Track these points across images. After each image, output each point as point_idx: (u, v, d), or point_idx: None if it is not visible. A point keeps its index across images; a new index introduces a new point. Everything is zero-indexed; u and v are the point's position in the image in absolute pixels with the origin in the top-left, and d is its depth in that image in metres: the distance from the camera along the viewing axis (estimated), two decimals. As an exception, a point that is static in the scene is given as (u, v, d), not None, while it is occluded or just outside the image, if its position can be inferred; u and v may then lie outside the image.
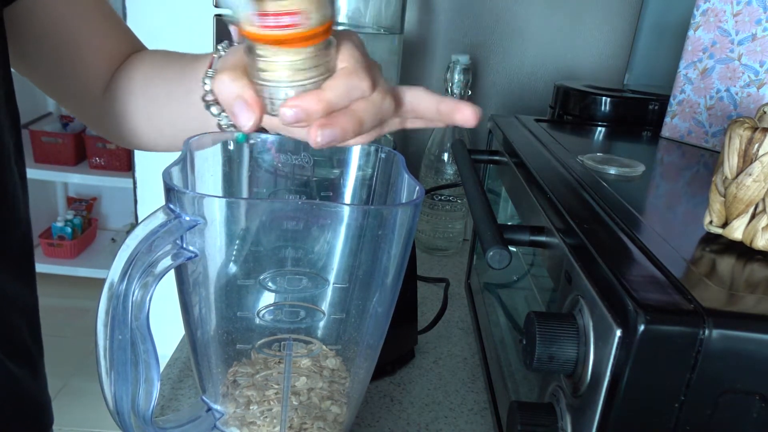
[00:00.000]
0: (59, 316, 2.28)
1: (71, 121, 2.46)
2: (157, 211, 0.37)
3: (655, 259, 0.35)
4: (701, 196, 0.48)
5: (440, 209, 0.93)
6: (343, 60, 0.37)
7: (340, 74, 0.36)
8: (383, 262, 0.40)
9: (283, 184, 0.48)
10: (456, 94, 0.89)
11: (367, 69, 0.37)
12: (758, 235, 0.38)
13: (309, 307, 0.42)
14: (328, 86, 0.36)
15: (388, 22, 0.88)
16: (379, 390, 0.63)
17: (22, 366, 0.51)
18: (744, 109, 0.64)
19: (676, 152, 0.66)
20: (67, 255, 2.41)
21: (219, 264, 0.39)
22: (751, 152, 0.37)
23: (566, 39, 1.00)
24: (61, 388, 1.96)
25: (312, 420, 0.44)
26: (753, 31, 0.62)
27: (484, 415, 0.60)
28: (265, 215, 0.39)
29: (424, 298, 0.82)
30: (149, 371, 0.38)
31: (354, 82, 0.36)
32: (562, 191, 0.46)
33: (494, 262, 0.38)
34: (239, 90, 0.36)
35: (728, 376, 0.30)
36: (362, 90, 0.37)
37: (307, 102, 0.35)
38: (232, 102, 0.36)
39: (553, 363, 0.34)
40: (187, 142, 0.43)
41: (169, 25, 1.17)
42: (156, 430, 0.40)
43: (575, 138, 0.70)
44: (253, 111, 0.36)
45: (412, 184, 0.42)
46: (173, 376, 0.62)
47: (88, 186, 2.48)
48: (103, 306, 0.36)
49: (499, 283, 0.68)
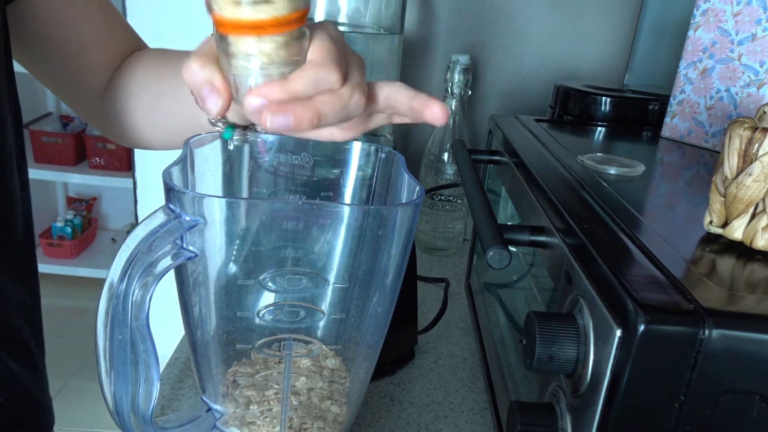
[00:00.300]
0: (59, 315, 2.28)
1: (71, 121, 2.46)
2: (157, 211, 0.37)
3: (655, 259, 0.35)
4: (701, 196, 0.48)
5: (440, 209, 0.93)
6: (314, 51, 0.36)
7: (309, 65, 0.36)
8: (383, 262, 0.40)
9: (283, 184, 0.48)
10: (456, 94, 0.89)
11: (338, 62, 0.37)
12: (758, 235, 0.38)
13: (309, 307, 0.42)
14: (294, 77, 0.36)
15: (388, 22, 0.88)
16: (379, 390, 0.63)
17: (23, 365, 0.51)
18: (744, 109, 0.64)
19: (676, 152, 0.66)
20: (67, 255, 2.41)
21: (219, 264, 0.39)
22: (751, 152, 0.37)
23: (566, 39, 1.00)
24: (61, 388, 1.96)
25: (312, 420, 0.44)
26: (753, 31, 0.62)
27: (484, 415, 0.60)
28: (265, 215, 0.39)
29: (424, 298, 0.82)
30: (149, 371, 0.38)
31: (322, 74, 0.36)
32: (562, 191, 0.46)
33: (494, 262, 0.38)
34: (207, 75, 0.36)
35: (728, 376, 0.30)
36: (330, 83, 0.36)
37: (272, 91, 0.35)
38: (200, 87, 0.36)
39: (553, 363, 0.34)
40: (187, 142, 0.43)
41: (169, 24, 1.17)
42: (156, 430, 0.40)
43: (575, 138, 0.70)
44: (220, 95, 0.36)
45: (412, 184, 0.42)
46: (173, 376, 0.62)
47: (88, 186, 2.48)
48: (103, 306, 0.36)
49: (499, 283, 0.68)
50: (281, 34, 0.34)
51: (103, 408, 0.38)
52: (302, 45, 0.36)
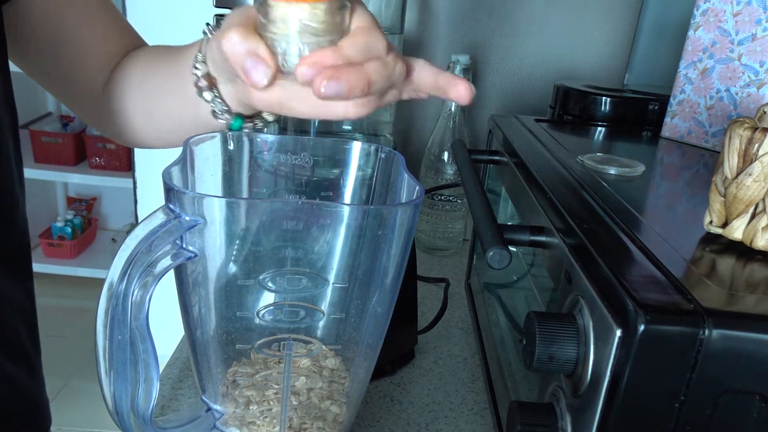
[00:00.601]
0: (59, 316, 2.28)
1: (71, 121, 2.46)
2: (156, 211, 0.37)
3: (655, 259, 0.35)
4: (701, 196, 0.48)
5: (440, 209, 0.93)
6: (359, 20, 0.36)
7: (358, 32, 0.36)
8: (383, 262, 0.40)
9: (283, 184, 0.48)
10: (456, 94, 0.89)
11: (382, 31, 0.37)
12: (758, 235, 0.38)
13: (309, 307, 0.42)
14: (345, 43, 0.35)
15: (388, 22, 0.88)
16: (379, 390, 0.63)
17: (19, 366, 0.51)
18: (744, 109, 0.64)
19: (676, 152, 0.66)
20: (67, 255, 2.41)
21: (219, 264, 0.39)
22: (751, 152, 0.37)
23: (566, 39, 1.00)
24: (61, 388, 1.96)
25: (312, 420, 0.44)
26: (753, 31, 0.62)
27: (484, 415, 0.60)
28: (265, 215, 0.39)
29: (424, 298, 0.81)
30: (149, 371, 0.38)
31: (372, 40, 0.35)
32: (562, 191, 0.46)
33: (494, 262, 0.38)
34: (251, 45, 0.35)
35: (728, 376, 0.30)
36: (379, 50, 0.36)
37: (326, 57, 0.34)
38: (243, 59, 0.35)
39: (553, 363, 0.34)
40: (186, 142, 0.43)
41: (169, 24, 1.17)
42: (156, 430, 0.40)
43: (575, 138, 0.70)
44: (268, 65, 0.35)
45: (412, 184, 0.42)
46: (173, 376, 0.62)
47: (88, 186, 2.48)
48: (103, 306, 0.36)
49: (499, 283, 0.68)
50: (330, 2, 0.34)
51: (103, 408, 0.38)
52: (344, 15, 0.36)
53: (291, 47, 0.35)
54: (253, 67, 0.35)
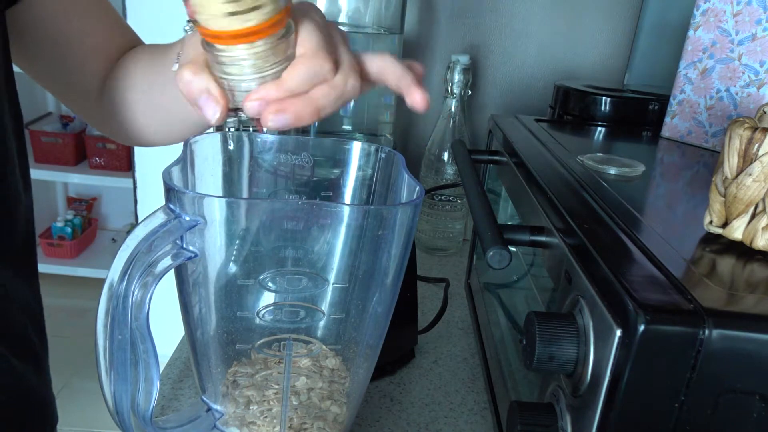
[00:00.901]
0: (60, 316, 2.28)
1: (71, 121, 2.46)
2: (157, 211, 0.37)
3: (655, 259, 0.35)
4: (701, 196, 0.48)
5: (440, 209, 0.93)
6: (302, 44, 0.36)
7: (300, 60, 0.36)
8: (383, 262, 0.40)
9: (283, 184, 0.48)
10: (456, 94, 0.89)
11: (328, 50, 0.37)
12: (758, 235, 0.38)
13: (309, 307, 0.42)
14: (288, 75, 0.36)
15: (388, 22, 0.88)
16: (379, 390, 0.63)
17: (26, 362, 0.51)
18: (744, 109, 0.64)
19: (676, 152, 0.66)
20: (67, 255, 2.41)
21: (219, 264, 0.39)
22: (751, 152, 0.37)
23: (566, 39, 1.00)
24: (61, 387, 1.96)
25: (312, 420, 0.44)
26: (753, 31, 0.62)
27: (484, 415, 0.60)
28: (265, 215, 0.39)
29: (424, 298, 0.81)
30: (149, 371, 0.38)
31: (315, 67, 0.36)
32: (562, 191, 0.46)
33: (494, 262, 0.38)
34: (202, 84, 0.36)
35: (728, 376, 0.30)
36: (324, 74, 0.36)
37: (269, 93, 0.35)
38: (196, 96, 0.36)
39: (553, 363, 0.34)
40: (186, 142, 0.43)
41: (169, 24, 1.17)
42: (156, 430, 0.40)
43: (575, 138, 0.70)
44: (217, 102, 0.36)
45: (412, 184, 0.42)
46: (173, 376, 0.62)
47: (88, 186, 2.48)
48: (103, 306, 0.36)
49: (499, 283, 0.68)
50: (270, 36, 0.34)
51: (103, 408, 0.38)
52: (290, 40, 0.36)
53: (239, 84, 0.36)
54: (205, 104, 0.36)
